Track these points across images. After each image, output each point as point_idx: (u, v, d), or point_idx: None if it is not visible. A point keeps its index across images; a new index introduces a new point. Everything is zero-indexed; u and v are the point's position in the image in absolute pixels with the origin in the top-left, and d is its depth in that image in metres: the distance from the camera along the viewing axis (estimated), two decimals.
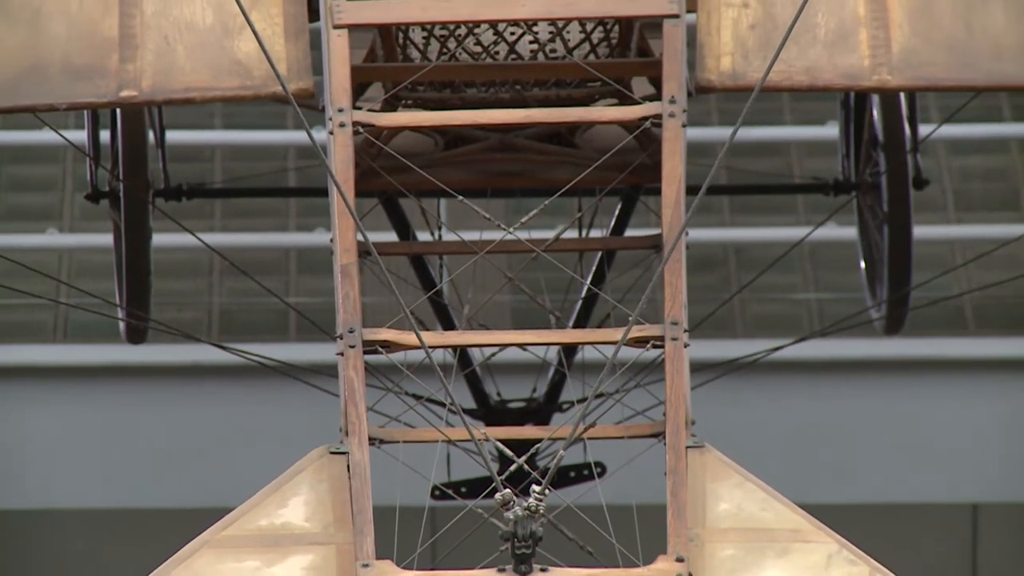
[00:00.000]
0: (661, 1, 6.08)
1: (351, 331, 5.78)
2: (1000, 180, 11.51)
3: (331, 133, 5.97)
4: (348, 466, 5.70)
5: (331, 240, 5.93)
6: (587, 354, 6.31)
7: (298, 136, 6.14)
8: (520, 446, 5.83)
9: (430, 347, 5.95)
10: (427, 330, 6.12)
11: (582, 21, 6.32)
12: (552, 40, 6.34)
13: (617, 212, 6.60)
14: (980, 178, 11.46)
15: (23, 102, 6.24)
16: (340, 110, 5.97)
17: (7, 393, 10.91)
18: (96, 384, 10.71)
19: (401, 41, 6.34)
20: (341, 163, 5.92)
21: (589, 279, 6.74)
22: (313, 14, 6.21)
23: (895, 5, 6.17)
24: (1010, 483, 11.13)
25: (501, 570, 5.44)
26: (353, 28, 6.09)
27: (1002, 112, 11.10)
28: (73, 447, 10.85)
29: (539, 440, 5.96)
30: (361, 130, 6.00)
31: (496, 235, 6.25)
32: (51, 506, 10.84)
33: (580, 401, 6.10)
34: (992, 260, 9.25)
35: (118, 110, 6.88)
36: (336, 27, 6.04)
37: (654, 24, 6.17)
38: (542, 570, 5.44)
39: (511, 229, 6.24)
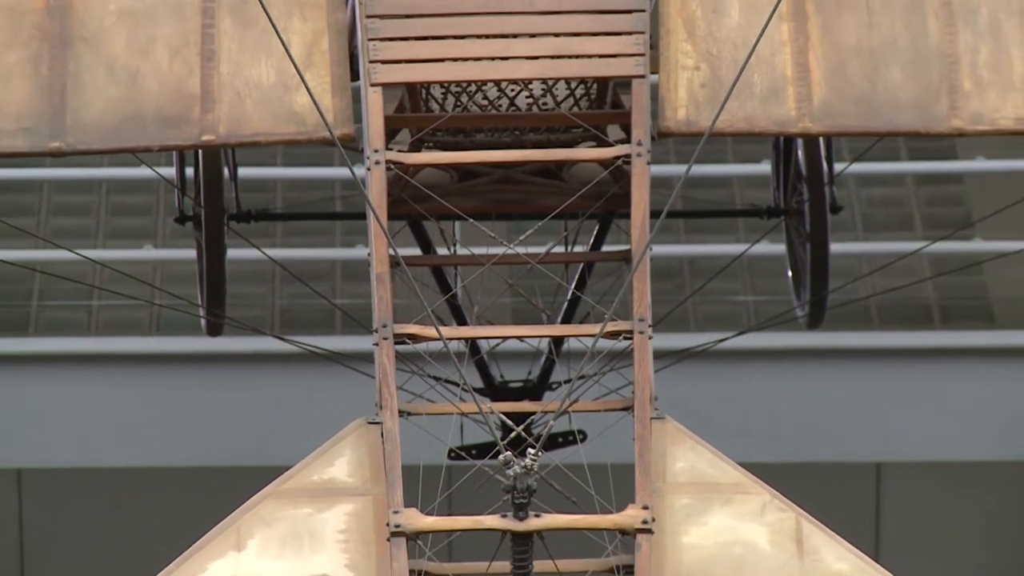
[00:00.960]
0: (629, 64, 6.03)
1: (384, 326, 5.73)
2: (898, 206, 11.46)
3: (368, 169, 5.91)
4: (382, 433, 5.64)
5: (368, 254, 5.87)
6: (571, 344, 6.24)
7: (342, 172, 6.11)
8: (518, 418, 5.77)
9: (447, 339, 5.90)
10: (444, 325, 6.05)
11: (567, 80, 6.27)
12: (544, 95, 6.29)
13: (595, 232, 6.55)
14: (882, 205, 11.41)
15: (124, 144, 6.18)
16: (375, 151, 5.92)
17: (113, 375, 10.88)
18: (182, 368, 10.68)
19: (424, 96, 6.29)
20: (376, 193, 5.87)
21: (573, 285, 6.68)
22: (354, 74, 6.15)
23: (815, 68, 6.11)
24: (908, 445, 11.08)
25: (504, 516, 5.38)
26: (386, 86, 6.04)
27: (900, 152, 11.04)
28: (163, 418, 10.81)
29: (533, 413, 5.90)
30: (392, 167, 5.95)
31: (499, 250, 6.20)
32: (150, 464, 10.80)
33: (566, 382, 6.03)
34: (892, 270, 9.25)
35: (200, 151, 6.78)
36: (372, 85, 6.00)
37: (624, 83, 6.11)
38: (536, 515, 5.38)
39: (511, 245, 6.19)
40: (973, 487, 11.60)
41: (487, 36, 6.11)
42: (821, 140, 6.87)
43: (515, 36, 6.12)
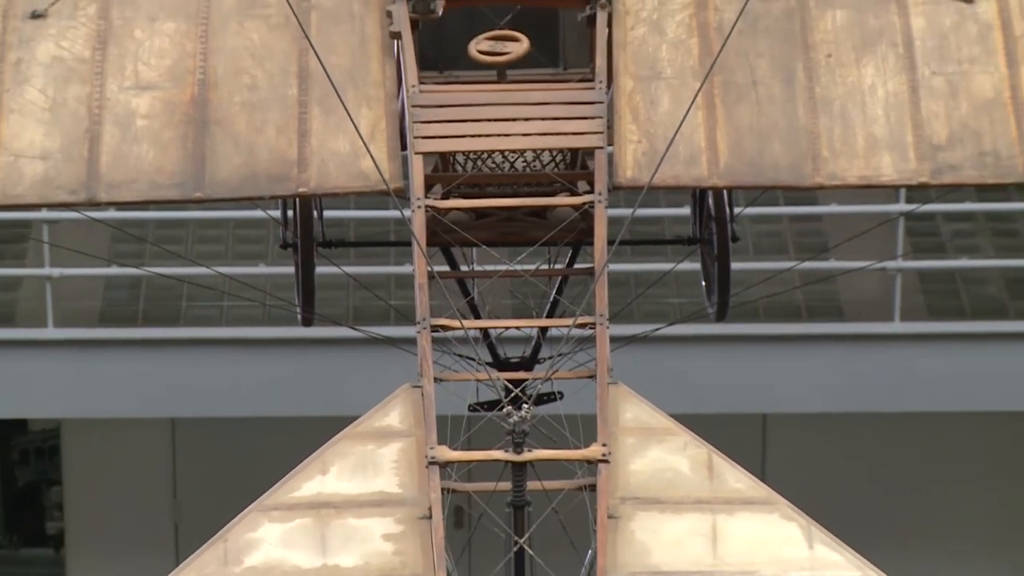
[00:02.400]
0: (593, 139, 6.01)
1: (424, 319, 5.70)
2: (777, 236, 11.44)
3: (413, 211, 5.88)
4: (422, 393, 5.61)
5: (413, 270, 5.85)
6: (553, 332, 6.21)
7: (395, 213, 6.10)
8: (516, 383, 5.75)
9: (467, 328, 5.88)
10: (465, 319, 6.02)
11: (550, 151, 6.25)
12: (534, 161, 6.26)
13: (570, 255, 6.51)
14: (767, 236, 11.39)
15: (245, 195, 6.15)
16: (418, 199, 5.89)
17: (238, 354, 10.87)
18: (286, 349, 10.65)
19: (451, 161, 6.27)
20: (418, 228, 5.83)
21: (554, 291, 6.64)
22: (403, 146, 6.13)
23: (721, 142, 6.09)
24: (785, 403, 11.06)
25: (506, 451, 5.36)
26: (425, 154, 6.02)
27: (779, 199, 11.03)
28: (272, 383, 10.80)
29: (526, 379, 5.88)
30: (429, 210, 5.91)
31: (503, 267, 6.19)
32: (263, 415, 10.80)
33: (549, 358, 6.00)
34: (773, 281, 9.24)
35: (297, 199, 6.75)
36: (416, 153, 5.98)
37: (589, 152, 6.09)
38: (528, 450, 5.35)
39: (511, 264, 6.18)
40: (833, 433, 11.59)
41: (494, 120, 6.10)
42: (724, 191, 6.82)
43: (514, 120, 6.10)
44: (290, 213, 7.21)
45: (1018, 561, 12.06)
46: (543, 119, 6.07)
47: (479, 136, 6.08)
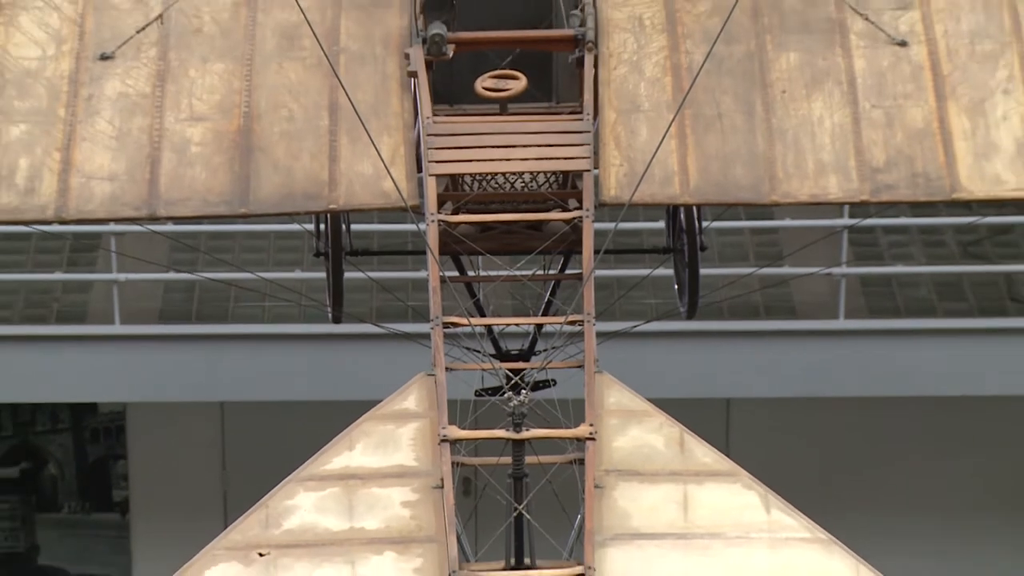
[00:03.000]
0: (582, 163, 6.00)
1: (437, 317, 5.69)
2: (740, 247, 11.42)
3: (427, 225, 5.87)
4: (435, 381, 5.60)
5: (427, 275, 5.83)
6: (547, 328, 6.20)
7: (411, 227, 6.08)
8: (516, 372, 5.74)
9: (473, 325, 5.87)
10: (472, 317, 6.02)
11: (545, 173, 6.24)
12: (531, 181, 6.25)
13: (562, 262, 6.48)
14: (730, 246, 11.37)
15: (283, 210, 6.15)
16: (432, 214, 5.88)
17: (278, 346, 10.85)
18: (319, 342, 10.62)
19: (460, 182, 6.25)
20: (432, 239, 5.82)
21: (548, 293, 6.63)
22: (419, 168, 6.12)
23: (691, 166, 6.07)
24: (746, 389, 11.05)
25: (507, 429, 5.35)
26: (438, 176, 6.00)
27: (740, 215, 11.02)
28: (306, 371, 10.77)
29: (524, 369, 5.85)
30: (442, 224, 5.90)
31: (505, 272, 6.17)
32: (300, 399, 10.76)
33: (544, 351, 5.99)
34: (736, 285, 9.23)
35: (328, 214, 6.73)
36: (430, 175, 5.96)
37: (578, 174, 6.08)
38: (526, 429, 5.35)
39: (512, 270, 6.16)
40: (787, 415, 11.58)
41: (497, 146, 6.08)
42: (694, 208, 6.80)
43: (514, 147, 6.09)
44: (322, 226, 7.20)
45: (947, 528, 12.06)
46: (539, 146, 6.06)
47: (484, 160, 6.06)
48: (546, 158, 6.07)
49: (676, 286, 7.32)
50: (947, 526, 11.96)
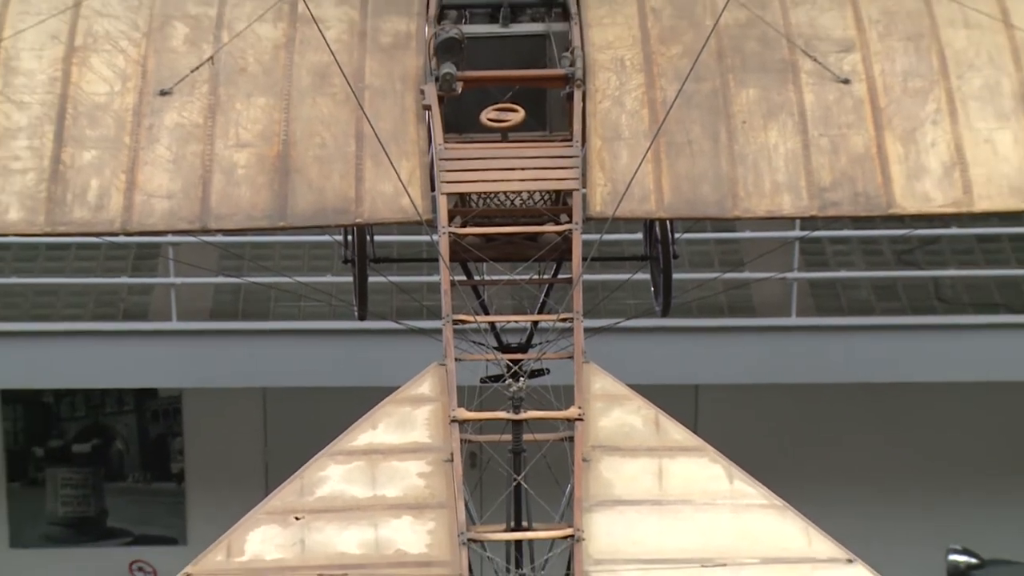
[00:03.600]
0: (572, 183, 6.00)
1: (448, 315, 5.67)
2: (706, 256, 11.40)
3: (440, 236, 5.86)
4: (446, 370, 5.58)
5: (440, 279, 5.82)
6: (542, 325, 6.17)
7: (426, 237, 6.04)
8: (515, 362, 5.73)
9: (479, 322, 5.86)
10: (478, 315, 6.01)
11: (540, 191, 6.22)
12: (529, 198, 6.24)
13: (555, 268, 6.45)
14: (698, 254, 11.35)
15: (316, 223, 6.14)
16: (444, 227, 5.87)
17: (311, 340, 10.82)
18: (347, 336, 10.57)
19: (468, 199, 6.24)
20: (444, 248, 5.82)
21: (543, 294, 6.61)
22: (432, 187, 6.11)
23: (665, 186, 6.07)
24: (711, 376, 11.05)
25: (508, 411, 5.33)
26: (448, 194, 5.99)
27: (707, 227, 10.99)
28: (335, 360, 10.71)
29: (522, 359, 5.82)
30: (451, 235, 5.89)
31: (506, 277, 6.16)
32: (329, 385, 10.70)
33: (539, 344, 5.98)
34: (704, 287, 9.24)
35: (355, 227, 6.71)
36: (442, 194, 5.94)
37: (568, 192, 6.07)
38: (524, 411, 5.33)
39: (512, 275, 6.15)
40: (747, 398, 11.56)
41: (499, 169, 6.07)
42: (668, 221, 6.77)
43: (513, 169, 6.07)
44: (349, 237, 7.18)
45: (876, 493, 12.07)
46: (534, 168, 6.05)
47: (488, 180, 6.05)
48: (541, 179, 6.06)
49: (652, 288, 7.30)
50: (876, 492, 11.98)
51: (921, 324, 11.00)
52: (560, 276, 6.34)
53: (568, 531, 5.19)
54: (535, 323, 6.48)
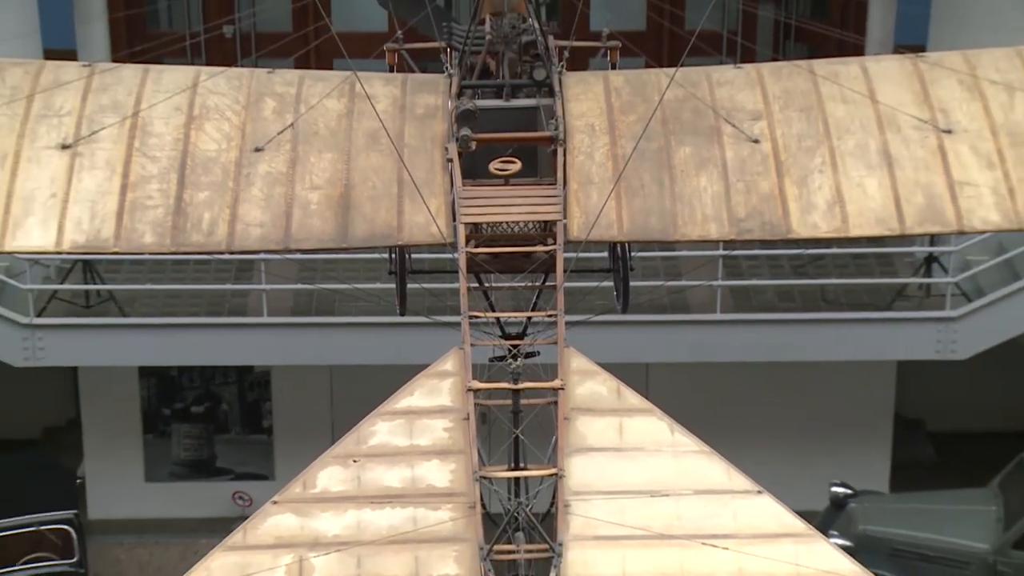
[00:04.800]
0: (557, 215, 5.93)
1: (465, 312, 5.64)
2: (653, 268, 11.36)
3: (460, 254, 5.81)
4: (464, 352, 5.55)
5: (459, 286, 5.78)
6: (534, 319, 6.14)
7: (449, 255, 5.93)
8: (514, 346, 5.69)
9: (488, 317, 5.82)
10: (487, 312, 5.97)
11: (533, 221, 6.18)
12: (525, 226, 6.19)
13: (543, 277, 6.38)
14: (648, 267, 11.31)
15: (369, 245, 6.05)
16: (462, 247, 5.83)
17: (359, 332, 10.72)
18: (389, 328, 10.54)
19: (480, 226, 6.19)
20: (462, 263, 5.76)
21: (535, 296, 6.57)
22: (454, 218, 6.06)
23: (624, 217, 6.00)
24: (658, 355, 11.03)
25: (509, 382, 5.28)
26: (466, 223, 5.94)
27: (655, 248, 10.95)
28: (380, 345, 10.63)
29: (520, 344, 5.76)
30: (468, 254, 5.84)
31: (507, 284, 6.12)
32: (375, 363, 10.57)
33: (532, 333, 5.94)
34: (654, 292, 9.20)
35: (399, 248, 6.59)
36: (461, 223, 5.90)
37: (554, 223, 6.02)
38: (521, 383, 5.28)
39: (512, 283, 6.12)
40: (685, 373, 11.54)
41: (503, 205, 6.01)
42: (626, 244, 6.72)
43: (513, 205, 6.02)
44: (393, 255, 7.15)
45: (782, 444, 12.04)
46: (529, 204, 6.01)
47: (495, 213, 6.01)
48: (533, 212, 6.01)
49: (615, 292, 7.27)
50: (776, 441, 11.97)
51: (810, 319, 11.00)
52: (547, 284, 6.31)
53: (553, 470, 5.17)
54: (529, 318, 6.46)
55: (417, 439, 5.34)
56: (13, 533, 10.13)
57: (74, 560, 10.29)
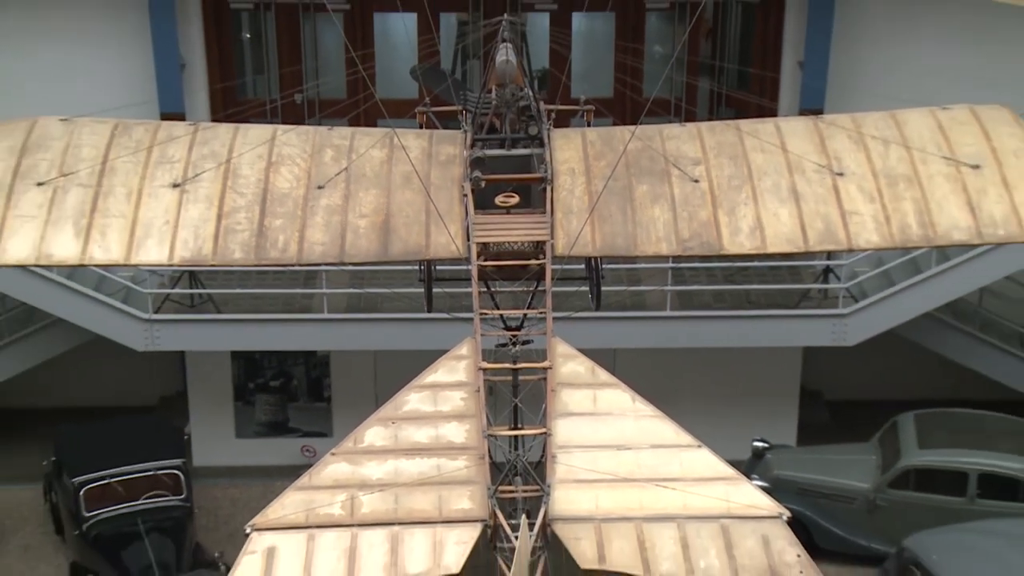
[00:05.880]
0: (546, 236, 5.85)
1: (476, 310, 5.61)
2: (619, 276, 11.30)
3: (473, 266, 5.78)
4: (476, 341, 5.52)
5: (472, 290, 5.75)
6: (529, 315, 6.08)
7: (465, 267, 5.84)
8: (514, 336, 5.65)
9: (494, 313, 5.78)
10: (493, 310, 5.92)
11: (529, 241, 6.13)
12: (522, 245, 6.15)
13: (536, 284, 6.31)
14: (616, 276, 11.27)
15: (404, 259, 5.97)
16: (474, 261, 5.80)
17: (394, 325, 10.66)
18: (422, 322, 10.50)
19: (488, 244, 6.12)
20: (474, 273, 5.75)
21: (530, 298, 6.50)
22: (468, 238, 5.97)
23: (597, 237, 5.94)
24: (627, 341, 10.96)
25: (510, 363, 5.26)
26: (477, 243, 5.88)
27: (620, 260, 10.91)
28: (413, 336, 10.48)
29: (518, 334, 5.72)
30: (479, 266, 5.81)
31: (509, 288, 6.08)
32: (408, 348, 10.33)
33: (528, 325, 5.90)
34: (619, 295, 9.16)
35: (428, 261, 6.40)
36: (473, 243, 5.84)
37: (544, 242, 5.98)
38: (519, 363, 5.27)
39: (512, 288, 6.09)
40: (645, 358, 11.49)
41: (506, 228, 5.98)
42: (598, 258, 6.65)
43: (513, 228, 5.99)
44: (422, 266, 7.08)
45: (716, 409, 11.99)
46: (525, 229, 5.98)
47: (499, 235, 5.98)
48: (528, 234, 5.98)
49: (590, 295, 7.22)
50: (711, 406, 11.89)
51: (737, 315, 10.96)
52: (539, 288, 6.27)
53: (544, 430, 5.17)
54: (525, 314, 6.40)
55: (440, 406, 5.35)
56: (137, 476, 10.37)
57: (183, 496, 10.49)
